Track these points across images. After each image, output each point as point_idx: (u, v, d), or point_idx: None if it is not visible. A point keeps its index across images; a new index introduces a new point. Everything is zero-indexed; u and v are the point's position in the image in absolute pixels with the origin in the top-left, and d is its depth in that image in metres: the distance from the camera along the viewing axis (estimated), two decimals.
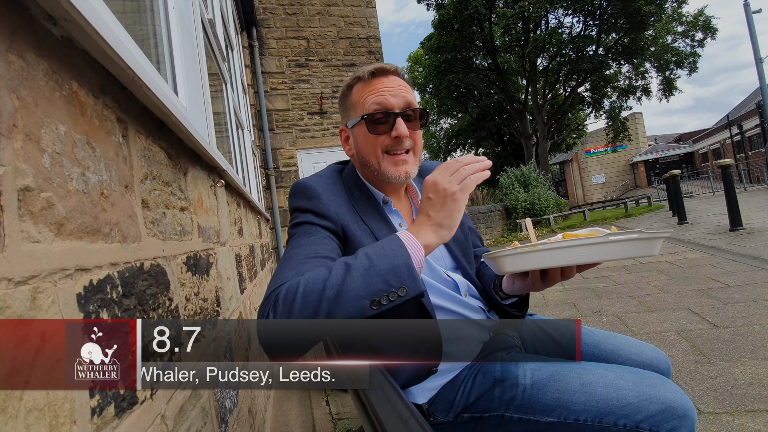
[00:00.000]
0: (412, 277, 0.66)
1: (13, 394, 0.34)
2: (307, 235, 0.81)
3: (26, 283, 0.38)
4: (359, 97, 0.89)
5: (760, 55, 12.55)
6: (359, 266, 0.66)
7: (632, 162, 31.93)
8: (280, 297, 0.66)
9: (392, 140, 0.87)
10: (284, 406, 2.28)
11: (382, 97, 0.86)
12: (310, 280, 0.66)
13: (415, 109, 0.88)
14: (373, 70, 0.88)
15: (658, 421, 0.69)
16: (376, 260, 0.67)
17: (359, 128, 0.89)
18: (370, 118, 0.86)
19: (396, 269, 0.66)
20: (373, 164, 0.89)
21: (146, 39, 1.09)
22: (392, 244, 0.69)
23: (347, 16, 6.70)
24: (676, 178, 8.05)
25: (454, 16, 17.57)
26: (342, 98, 0.94)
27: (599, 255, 0.67)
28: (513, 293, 0.89)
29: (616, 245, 0.66)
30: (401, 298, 0.65)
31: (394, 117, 0.86)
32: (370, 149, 0.88)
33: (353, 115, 0.91)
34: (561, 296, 3.83)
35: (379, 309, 0.65)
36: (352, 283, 0.65)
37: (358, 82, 0.90)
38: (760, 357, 2.03)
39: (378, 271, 0.65)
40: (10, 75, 0.39)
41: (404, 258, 0.67)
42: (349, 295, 0.64)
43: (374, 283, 0.65)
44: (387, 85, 0.87)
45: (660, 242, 0.67)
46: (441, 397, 0.86)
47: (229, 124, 2.85)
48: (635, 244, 0.66)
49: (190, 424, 0.77)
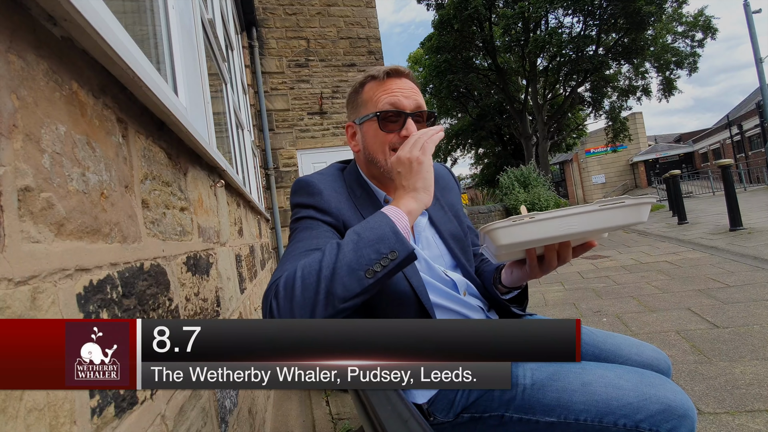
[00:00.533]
0: (399, 240, 0.69)
1: (13, 394, 0.34)
2: (309, 230, 0.83)
3: (26, 283, 0.38)
4: (372, 95, 0.91)
5: (760, 55, 12.55)
6: (349, 242, 0.70)
7: (632, 162, 31.93)
8: (280, 285, 0.68)
9: (401, 139, 0.88)
10: (284, 406, 2.28)
11: (395, 97, 0.88)
12: (307, 264, 0.69)
13: (424, 111, 0.91)
14: (389, 71, 0.91)
15: (658, 420, 0.69)
16: (364, 233, 0.70)
17: (369, 124, 0.91)
18: (383, 115, 0.88)
19: (383, 236, 0.69)
20: (380, 160, 0.90)
21: (146, 39, 1.09)
22: (376, 217, 0.73)
23: (347, 16, 6.70)
24: (676, 178, 8.05)
25: (454, 16, 17.57)
26: (352, 94, 0.96)
27: (592, 223, 0.70)
28: (513, 284, 0.89)
29: (607, 212, 0.69)
30: (393, 262, 0.68)
31: (405, 117, 0.88)
32: (378, 146, 0.90)
33: (363, 111, 0.92)
34: (561, 296, 3.83)
35: (375, 277, 0.67)
36: (344, 258, 0.68)
37: (372, 80, 0.92)
38: (760, 357, 2.03)
39: (367, 242, 0.69)
40: (10, 75, 0.39)
41: (389, 225, 0.71)
42: (344, 270, 0.66)
43: (365, 254, 0.68)
44: (401, 86, 0.90)
45: (648, 208, 0.70)
46: (441, 396, 0.86)
47: (229, 124, 2.85)
48: (625, 211, 0.69)
49: (190, 424, 0.77)
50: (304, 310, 0.66)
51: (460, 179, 5.64)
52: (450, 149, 28.24)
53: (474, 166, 33.89)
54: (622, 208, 0.69)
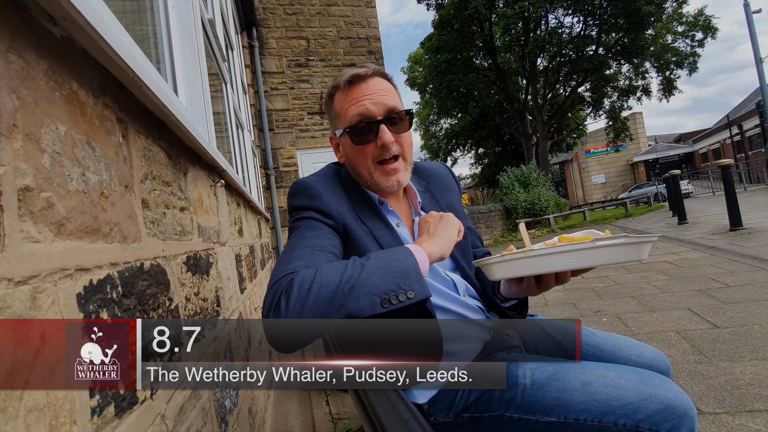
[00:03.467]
0: (419, 282, 0.69)
1: (13, 394, 0.34)
2: (312, 229, 0.82)
3: (26, 283, 0.38)
4: (341, 107, 0.87)
5: (760, 55, 12.54)
6: (374, 266, 0.70)
7: (632, 162, 31.93)
8: (294, 284, 0.67)
9: (379, 149, 0.86)
10: (284, 406, 2.28)
11: (362, 106, 0.84)
12: (327, 271, 0.69)
13: (398, 112, 0.86)
14: (349, 78, 0.86)
15: (658, 420, 0.69)
16: (389, 262, 0.70)
17: (345, 139, 0.89)
18: (353, 129, 0.85)
19: (407, 273, 0.69)
20: (365, 175, 0.89)
21: (146, 39, 1.09)
22: (402, 252, 0.73)
23: (347, 16, 6.69)
24: (676, 178, 8.05)
25: (454, 16, 17.56)
26: (326, 107, 0.94)
27: (587, 260, 0.67)
28: (511, 296, 0.89)
29: (603, 250, 0.66)
30: (409, 300, 0.68)
31: (377, 125, 0.84)
32: (360, 160, 0.88)
33: (338, 125, 0.89)
34: (561, 296, 3.83)
35: (388, 308, 0.67)
36: (367, 279, 0.68)
37: (337, 91, 0.88)
38: (760, 357, 2.03)
39: (390, 271, 0.69)
40: (10, 75, 0.39)
41: (413, 265, 0.71)
42: (364, 290, 0.67)
43: (386, 283, 0.68)
44: (366, 92, 0.85)
45: (648, 246, 0.66)
46: (441, 396, 0.86)
47: (229, 124, 2.85)
48: (623, 249, 0.65)
49: (190, 424, 0.77)
50: (314, 315, 0.65)
51: (460, 179, 5.63)
52: (450, 149, 28.22)
53: (474, 166, 33.87)
54: (620, 246, 0.65)
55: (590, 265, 0.68)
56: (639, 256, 0.66)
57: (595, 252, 0.66)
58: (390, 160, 0.88)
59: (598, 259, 0.66)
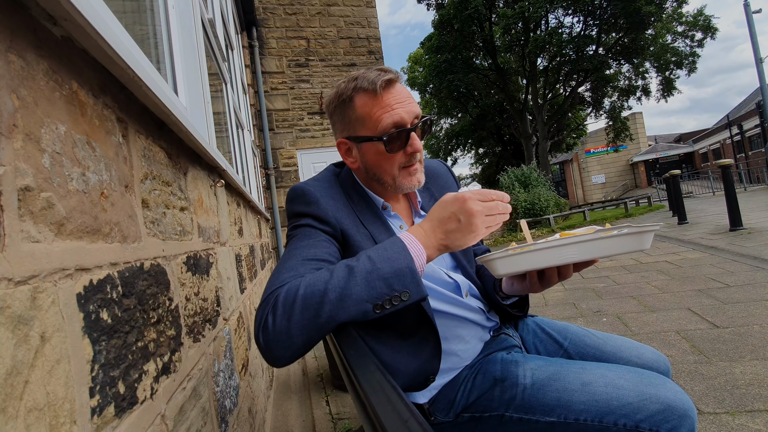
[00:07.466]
0: (415, 282, 0.65)
1: (13, 394, 0.34)
2: (307, 237, 0.80)
3: (26, 282, 0.38)
4: (369, 112, 0.83)
5: (760, 55, 12.54)
6: (362, 269, 0.66)
7: (632, 162, 31.95)
8: (279, 299, 0.65)
9: (407, 156, 0.85)
10: (284, 406, 2.28)
11: (397, 115, 0.81)
12: (311, 282, 0.66)
13: (424, 119, 0.86)
14: (383, 83, 0.82)
15: (658, 420, 0.69)
16: (379, 263, 0.66)
17: (372, 146, 0.84)
18: (389, 138, 0.82)
19: (399, 273, 0.65)
20: (387, 181, 0.87)
21: (146, 39, 1.09)
22: (395, 247, 0.69)
23: (347, 16, 6.70)
24: (676, 178, 8.04)
25: (454, 16, 17.58)
26: (340, 107, 0.87)
27: (590, 252, 0.67)
28: (513, 293, 0.89)
29: (606, 241, 0.65)
30: (404, 302, 0.65)
31: (407, 133, 0.83)
32: (386, 167, 0.85)
33: (361, 130, 0.85)
34: (561, 296, 3.82)
35: (382, 312, 0.65)
36: (355, 287, 0.64)
37: (364, 93, 0.83)
38: (760, 357, 2.03)
39: (381, 274, 0.65)
40: (10, 75, 0.39)
41: (407, 262, 0.66)
42: (353, 299, 0.64)
43: (377, 287, 0.64)
44: (398, 98, 0.83)
45: (650, 236, 0.66)
46: (441, 396, 0.86)
47: (229, 124, 2.85)
48: (625, 239, 0.65)
49: (190, 424, 0.77)
50: (302, 331, 0.63)
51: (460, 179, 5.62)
52: (450, 149, 28.22)
53: (474, 166, 33.89)
54: (623, 237, 0.65)
55: (594, 257, 0.67)
56: (642, 246, 0.65)
57: (598, 243, 0.66)
58: (414, 163, 0.87)
59: (602, 251, 0.66)
